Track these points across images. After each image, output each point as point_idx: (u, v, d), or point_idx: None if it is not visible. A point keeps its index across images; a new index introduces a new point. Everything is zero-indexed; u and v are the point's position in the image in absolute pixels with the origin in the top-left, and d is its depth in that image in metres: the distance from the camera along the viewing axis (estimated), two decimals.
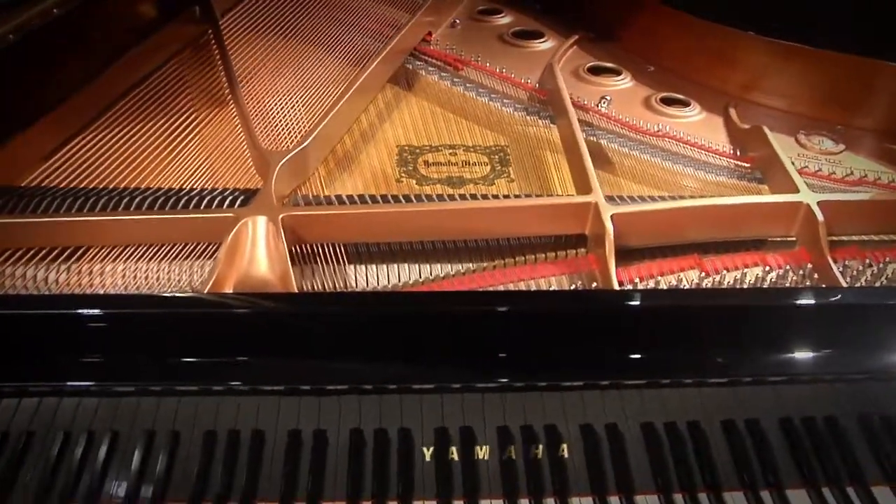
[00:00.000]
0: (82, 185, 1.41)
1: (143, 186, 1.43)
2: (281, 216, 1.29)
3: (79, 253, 1.30)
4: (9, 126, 1.42)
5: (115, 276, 1.28)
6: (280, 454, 1.16)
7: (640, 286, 1.28)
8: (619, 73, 1.82)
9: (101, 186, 1.41)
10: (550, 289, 1.28)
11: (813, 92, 1.71)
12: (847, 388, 1.18)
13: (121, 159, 1.48)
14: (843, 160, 1.59)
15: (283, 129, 1.56)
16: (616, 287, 1.24)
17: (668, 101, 1.73)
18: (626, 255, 1.36)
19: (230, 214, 1.29)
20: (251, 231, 1.28)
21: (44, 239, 1.29)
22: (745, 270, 1.32)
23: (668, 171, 1.55)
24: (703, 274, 1.31)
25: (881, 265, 1.33)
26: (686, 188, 1.52)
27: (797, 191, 1.40)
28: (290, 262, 1.24)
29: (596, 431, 1.20)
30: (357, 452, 1.19)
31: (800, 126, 1.68)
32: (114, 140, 1.51)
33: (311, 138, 1.45)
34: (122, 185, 1.43)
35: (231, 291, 1.23)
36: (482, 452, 1.21)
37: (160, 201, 1.37)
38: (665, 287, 1.28)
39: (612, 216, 1.31)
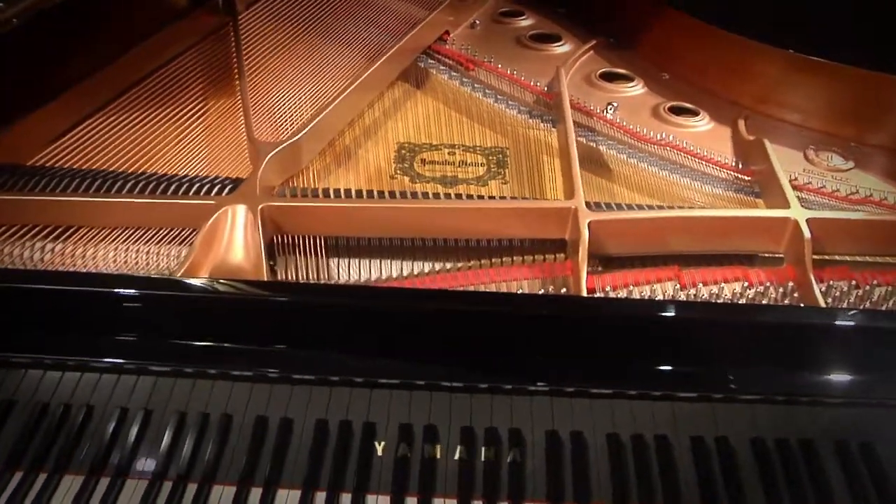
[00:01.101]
0: (83, 168, 1.46)
1: (142, 171, 1.47)
2: (260, 206, 1.31)
3: (69, 232, 1.35)
4: (21, 106, 1.48)
5: (98, 256, 1.31)
6: (259, 440, 1.19)
7: (611, 295, 1.27)
8: (631, 80, 1.80)
9: (101, 169, 1.45)
10: (518, 292, 1.27)
11: (828, 107, 1.66)
12: (821, 412, 1.15)
13: (124, 144, 1.52)
14: (851, 178, 1.55)
15: (285, 122, 1.59)
16: (584, 294, 1.22)
17: (676, 111, 1.70)
18: (607, 262, 1.36)
19: (212, 202, 1.32)
20: (230, 219, 1.31)
21: (36, 216, 1.33)
22: (724, 285, 1.29)
23: (665, 180, 1.54)
24: (680, 286, 1.29)
25: (867, 287, 1.29)
26: (681, 198, 1.50)
27: (788, 206, 1.37)
28: (263, 252, 1.26)
29: (560, 438, 1.19)
30: (320, 443, 1.20)
31: (811, 141, 1.64)
32: (121, 125, 1.56)
33: (304, 132, 1.47)
34: (122, 169, 1.47)
35: (205, 276, 1.26)
36: (443, 451, 1.21)
37: (152, 186, 1.40)
38: (636, 297, 1.26)
39: (589, 223, 1.30)
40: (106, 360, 1.10)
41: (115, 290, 1.09)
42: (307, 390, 1.16)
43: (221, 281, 1.14)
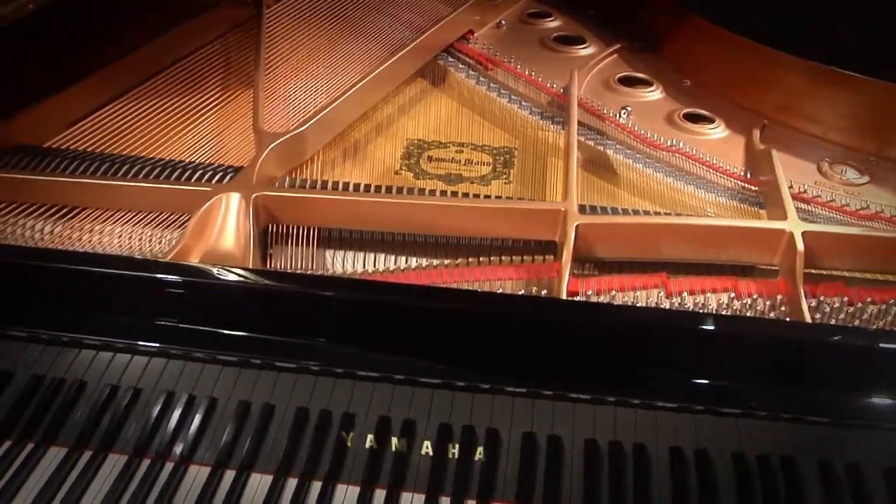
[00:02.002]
0: (96, 151, 1.51)
1: (150, 157, 1.51)
2: (254, 195, 1.34)
3: (74, 212, 1.39)
4: (42, 90, 1.54)
5: (96, 238, 1.36)
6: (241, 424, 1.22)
7: (593, 299, 1.26)
8: (650, 85, 1.78)
9: (109, 153, 1.50)
10: (499, 291, 1.27)
11: (850, 120, 1.62)
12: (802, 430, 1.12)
13: (140, 130, 1.58)
14: (863, 192, 1.51)
15: (298, 114, 1.61)
16: (562, 296, 1.22)
17: (692, 117, 1.68)
18: (601, 266, 1.35)
19: (208, 189, 1.35)
20: (224, 206, 1.34)
21: (41, 196, 1.38)
22: (710, 295, 1.27)
23: (670, 187, 1.52)
24: (665, 294, 1.28)
25: (859, 305, 1.26)
26: (684, 206, 1.48)
27: (785, 218, 1.34)
28: (252, 240, 1.29)
29: (538, 441, 1.19)
30: (298, 430, 1.22)
31: (828, 154, 1.60)
32: (139, 112, 1.61)
33: (308, 124, 1.49)
34: (135, 154, 1.51)
35: (196, 262, 1.29)
36: (419, 446, 1.21)
37: (157, 171, 1.44)
38: (618, 302, 1.26)
39: (576, 226, 1.30)
40: (84, 336, 1.13)
41: (95, 269, 1.13)
42: (292, 378, 1.18)
43: (198, 264, 1.16)
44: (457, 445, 1.20)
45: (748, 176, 1.53)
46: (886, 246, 1.34)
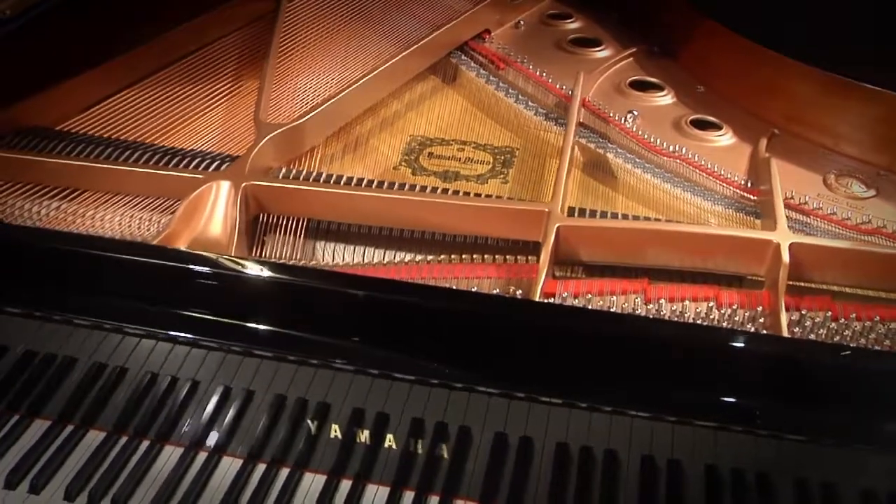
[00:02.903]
0: (105, 136, 1.55)
1: (158, 144, 1.54)
2: (243, 184, 1.36)
3: (74, 194, 1.44)
4: (58, 74, 1.58)
5: (96, 218, 1.40)
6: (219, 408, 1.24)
7: (569, 302, 1.26)
8: (661, 90, 1.76)
9: (120, 139, 1.54)
10: (473, 289, 1.28)
11: (863, 132, 1.59)
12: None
13: (149, 117, 1.61)
14: (868, 207, 1.48)
15: (303, 107, 1.62)
16: (535, 297, 1.22)
17: (699, 124, 1.66)
18: (585, 269, 1.35)
19: (200, 176, 1.38)
20: (214, 194, 1.36)
21: (43, 177, 1.43)
22: (688, 304, 1.26)
23: (667, 193, 1.50)
24: (644, 300, 1.27)
25: (843, 321, 1.23)
26: (679, 212, 1.46)
27: (774, 229, 1.32)
28: (237, 229, 1.32)
29: (509, 443, 1.19)
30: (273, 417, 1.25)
31: (837, 166, 1.57)
32: (151, 99, 1.66)
33: (307, 117, 1.52)
34: (141, 140, 1.55)
35: (184, 248, 1.32)
36: (390, 440, 1.23)
37: (157, 157, 1.48)
38: (592, 305, 1.25)
39: (558, 228, 1.30)
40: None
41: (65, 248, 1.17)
42: (273, 366, 1.19)
43: (174, 249, 1.19)
44: (427, 441, 1.20)
45: (749, 185, 1.50)
46: (879, 261, 1.30)
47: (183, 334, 1.15)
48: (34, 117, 1.55)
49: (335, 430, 1.21)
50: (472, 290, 1.28)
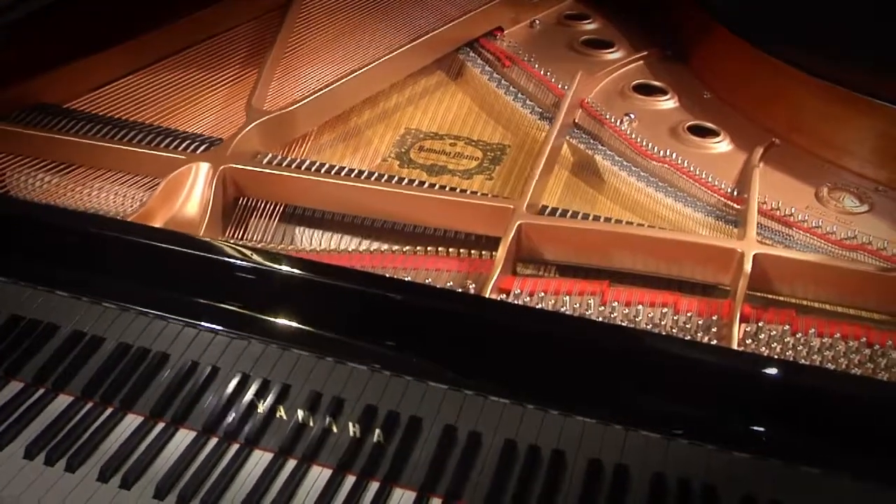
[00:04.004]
0: (107, 115, 1.61)
1: (152, 124, 1.60)
2: (221, 167, 1.40)
3: (69, 168, 1.50)
4: (72, 54, 1.65)
5: (85, 193, 1.46)
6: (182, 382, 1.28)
7: (524, 299, 1.26)
8: (665, 94, 1.74)
9: (122, 119, 1.60)
10: (427, 281, 1.29)
11: (867, 147, 1.54)
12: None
13: (154, 100, 1.67)
14: (857, 222, 1.43)
15: (300, 95, 1.65)
16: (486, 293, 1.23)
17: (697, 130, 1.63)
18: (549, 267, 1.35)
19: (182, 157, 1.42)
20: (193, 174, 1.41)
21: (41, 151, 1.49)
22: (641, 308, 1.24)
23: (650, 197, 1.49)
24: (599, 302, 1.26)
25: (800, 336, 1.20)
26: (660, 217, 1.45)
27: (742, 238, 1.30)
28: (209, 209, 1.36)
29: (458, 437, 1.20)
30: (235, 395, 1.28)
31: (833, 179, 1.52)
32: (158, 83, 1.71)
33: (297, 105, 1.55)
34: (143, 121, 1.61)
35: (159, 225, 1.37)
36: (341, 425, 1.24)
37: (150, 137, 1.52)
38: (541, 305, 1.25)
39: (519, 225, 1.30)
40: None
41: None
42: (242, 345, 1.21)
43: (134, 224, 1.24)
44: (378, 428, 1.22)
45: (735, 194, 1.47)
46: (852, 278, 1.27)
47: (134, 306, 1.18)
48: (43, 94, 1.61)
49: (280, 411, 1.23)
50: (427, 281, 1.28)
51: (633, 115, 1.64)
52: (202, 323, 1.17)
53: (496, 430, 1.14)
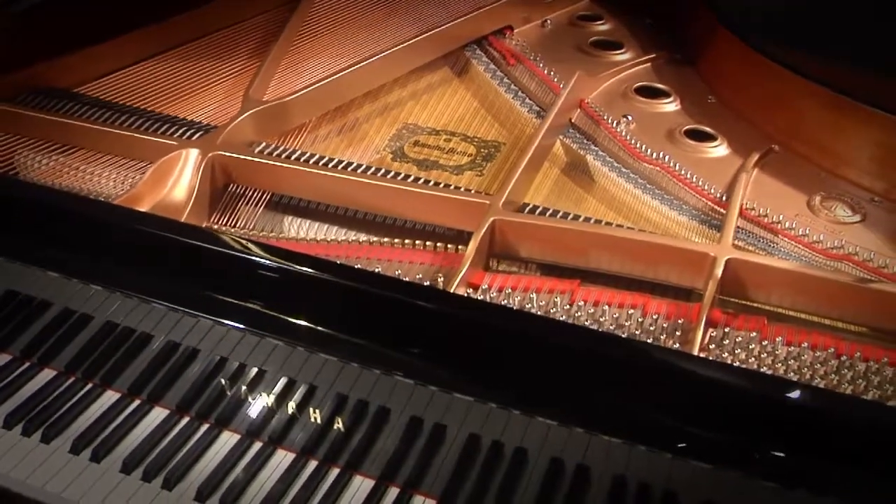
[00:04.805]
0: (108, 99, 1.65)
1: (158, 111, 1.63)
2: (210, 154, 1.43)
3: (70, 150, 1.54)
4: (79, 40, 1.70)
5: (79, 173, 1.50)
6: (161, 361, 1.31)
7: (492, 295, 1.26)
8: (667, 97, 1.72)
9: (124, 104, 1.64)
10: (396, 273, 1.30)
11: (866, 156, 1.51)
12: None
13: (158, 88, 1.70)
14: (847, 232, 1.40)
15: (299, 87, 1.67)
16: (451, 288, 1.23)
17: (695, 134, 1.62)
18: (514, 263, 1.36)
19: (173, 142, 1.46)
20: (182, 160, 1.44)
21: (43, 133, 1.54)
22: (607, 308, 1.24)
23: (637, 199, 1.48)
24: (567, 301, 1.26)
25: (766, 343, 1.18)
26: (645, 219, 1.44)
27: (717, 242, 1.28)
28: (194, 195, 1.39)
29: (423, 429, 1.20)
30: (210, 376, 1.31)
31: (827, 187, 1.50)
32: (163, 72, 1.75)
33: (293, 96, 1.57)
34: (146, 108, 1.64)
35: (146, 210, 1.40)
36: (314, 414, 1.26)
37: (148, 123, 1.56)
38: (506, 302, 1.25)
39: (492, 221, 1.30)
40: None
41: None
42: (222, 331, 1.24)
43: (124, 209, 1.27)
44: (344, 417, 1.23)
45: (724, 199, 1.46)
46: (828, 287, 1.24)
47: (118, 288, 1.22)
48: (53, 78, 1.66)
49: (248, 395, 1.25)
50: (397, 273, 1.29)
51: (630, 117, 1.63)
52: (184, 308, 1.19)
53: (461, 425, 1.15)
